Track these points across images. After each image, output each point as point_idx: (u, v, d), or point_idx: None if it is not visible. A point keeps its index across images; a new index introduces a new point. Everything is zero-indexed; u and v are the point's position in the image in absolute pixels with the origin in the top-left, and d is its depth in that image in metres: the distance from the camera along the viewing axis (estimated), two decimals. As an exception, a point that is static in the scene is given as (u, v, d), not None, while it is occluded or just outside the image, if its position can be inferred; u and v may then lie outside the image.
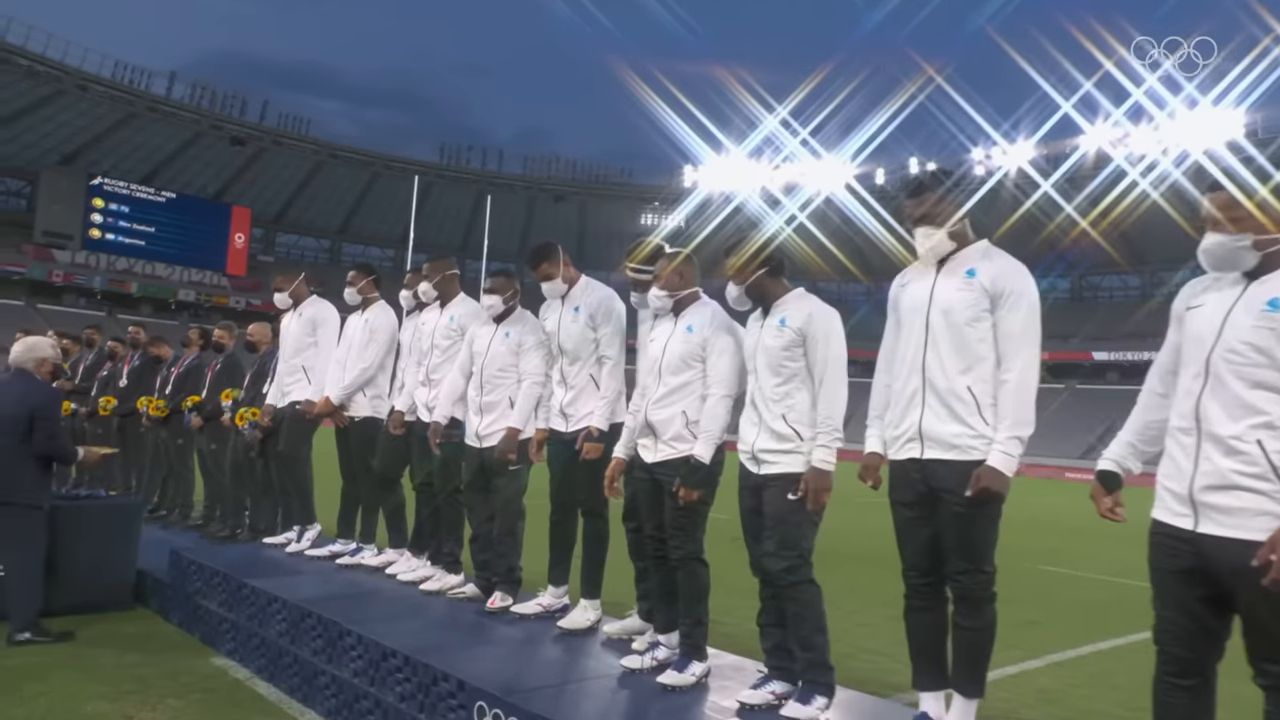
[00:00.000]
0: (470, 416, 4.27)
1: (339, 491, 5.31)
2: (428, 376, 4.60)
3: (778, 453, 2.94)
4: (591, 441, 3.77)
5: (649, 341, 3.52)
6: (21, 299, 47.91)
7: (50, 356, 4.81)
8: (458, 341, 4.55)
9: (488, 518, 4.26)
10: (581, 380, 3.92)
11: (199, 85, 53.48)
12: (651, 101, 34.85)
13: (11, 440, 4.44)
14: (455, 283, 4.76)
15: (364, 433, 5.08)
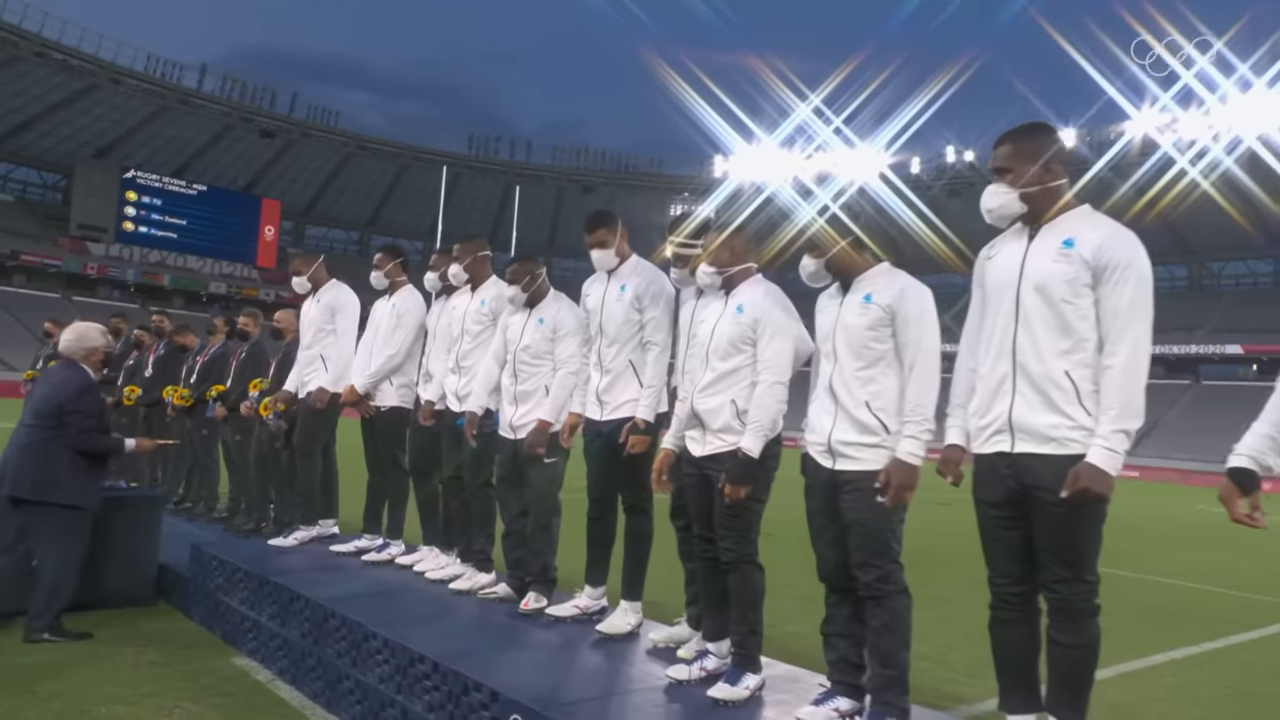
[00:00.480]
0: (504, 406, 4.04)
1: (365, 485, 5.12)
2: (458, 364, 4.38)
3: (859, 446, 2.65)
4: (638, 434, 3.53)
5: (697, 323, 3.26)
6: (58, 291, 48.81)
7: (100, 345, 4.61)
8: (489, 327, 4.33)
9: (521, 513, 4.04)
10: (619, 365, 3.68)
11: (229, 78, 54.03)
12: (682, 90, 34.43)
13: (46, 434, 4.30)
14: (487, 265, 4.54)
15: (391, 423, 4.89)
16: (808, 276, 2.84)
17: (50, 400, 4.36)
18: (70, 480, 4.27)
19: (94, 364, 4.56)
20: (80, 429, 4.31)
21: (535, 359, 3.95)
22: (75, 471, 4.29)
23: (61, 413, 4.30)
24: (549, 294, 4.08)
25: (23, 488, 4.24)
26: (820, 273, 2.81)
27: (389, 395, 4.86)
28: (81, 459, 4.32)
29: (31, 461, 4.25)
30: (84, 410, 4.35)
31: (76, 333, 4.60)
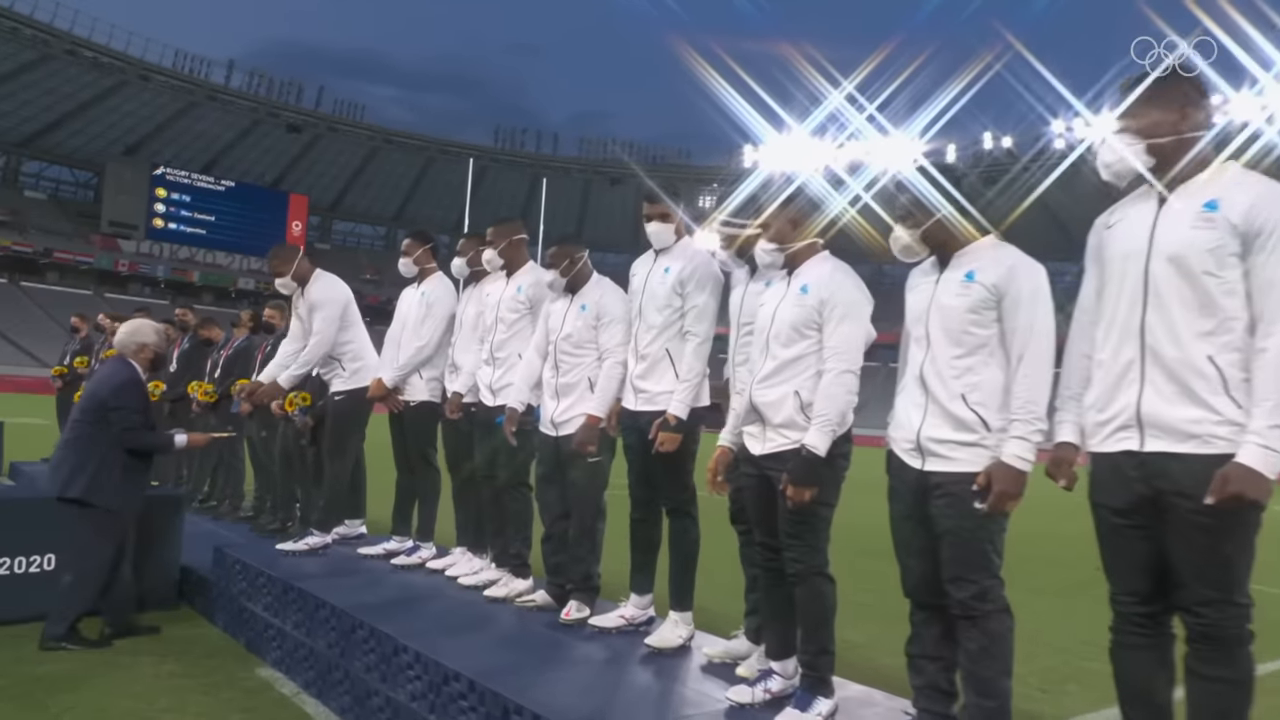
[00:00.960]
0: (545, 401, 3.78)
1: (393, 483, 4.90)
2: (492, 355, 4.13)
3: (955, 445, 2.34)
4: (668, 431, 3.27)
5: (755, 308, 2.98)
6: (90, 288, 49.62)
7: (151, 342, 4.41)
8: (525, 315, 4.07)
9: (562, 515, 3.78)
10: (656, 352, 3.42)
11: (256, 73, 54.55)
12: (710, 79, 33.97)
13: (88, 430, 4.15)
14: (523, 249, 4.28)
15: (421, 419, 4.65)
16: (900, 250, 2.53)
17: (94, 395, 4.22)
18: (106, 480, 4.10)
19: (144, 361, 4.39)
20: (124, 425, 4.14)
21: (577, 348, 3.68)
22: (113, 471, 4.12)
23: (105, 408, 4.15)
24: (591, 278, 3.81)
25: (58, 485, 4.12)
26: (914, 246, 2.50)
27: (418, 389, 4.62)
28: (124, 457, 4.15)
29: (70, 458, 4.12)
30: (127, 405, 4.17)
31: (130, 328, 4.46)
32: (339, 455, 4.90)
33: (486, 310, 4.23)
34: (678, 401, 3.31)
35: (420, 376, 4.62)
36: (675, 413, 3.30)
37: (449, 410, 4.29)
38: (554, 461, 3.74)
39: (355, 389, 4.84)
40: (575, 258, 3.78)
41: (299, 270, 4.99)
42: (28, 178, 54.00)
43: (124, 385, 4.22)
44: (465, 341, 4.42)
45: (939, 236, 2.46)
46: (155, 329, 4.52)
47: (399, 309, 4.83)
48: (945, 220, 2.44)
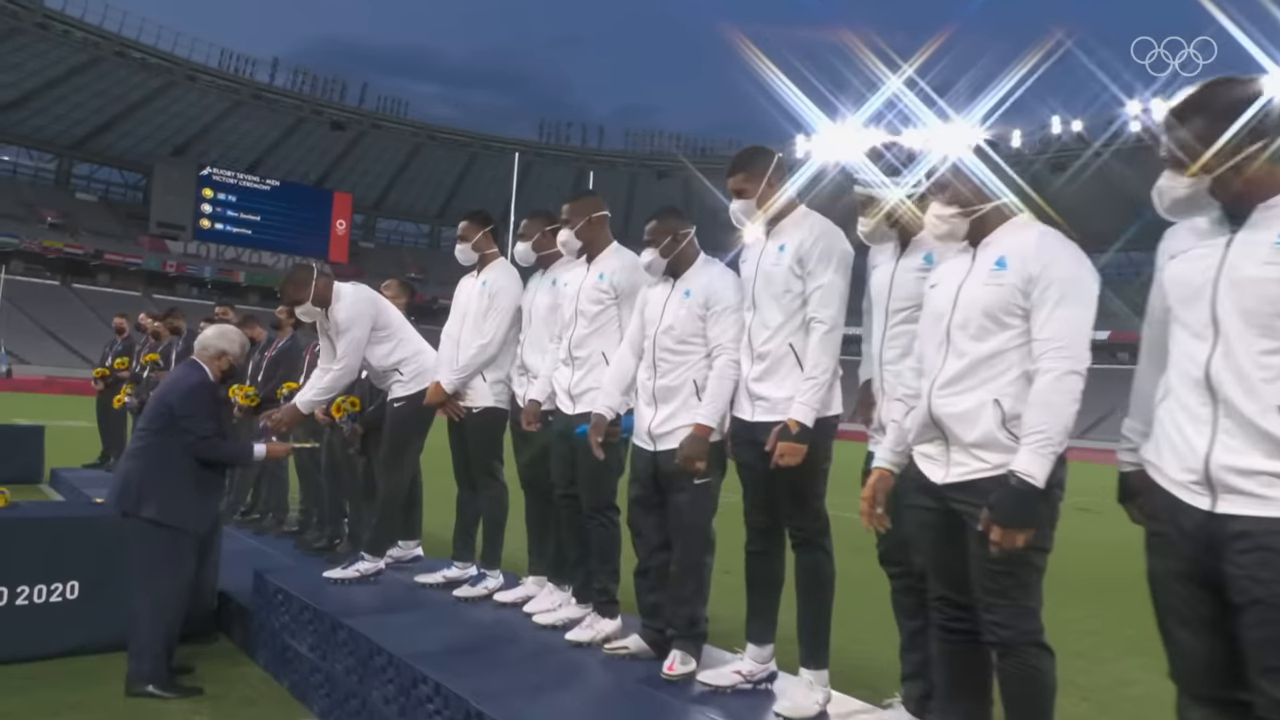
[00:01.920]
0: (640, 408, 3.21)
1: (453, 500, 4.37)
2: (570, 354, 3.56)
3: (1267, 477, 1.66)
4: (789, 441, 2.68)
5: (925, 288, 2.37)
6: (139, 289, 50.68)
7: (231, 353, 4.01)
8: (610, 307, 3.51)
9: (660, 546, 3.20)
10: (776, 349, 2.85)
11: (300, 71, 55.32)
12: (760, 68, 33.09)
13: (154, 439, 3.76)
14: (605, 228, 3.71)
15: (485, 427, 4.11)
16: (1167, 207, 1.88)
17: (162, 401, 3.82)
18: (177, 495, 3.69)
19: (218, 369, 3.98)
20: (197, 434, 3.75)
21: (681, 344, 3.10)
22: (180, 484, 3.72)
23: (173, 415, 3.75)
24: (698, 259, 3.22)
25: (123, 500, 3.71)
26: (1197, 198, 1.83)
27: (482, 394, 4.08)
28: (193, 469, 3.76)
29: (136, 470, 3.73)
30: (196, 412, 3.78)
31: (217, 331, 4.05)
32: (395, 469, 4.39)
33: (563, 302, 3.66)
34: (801, 405, 2.72)
35: (483, 379, 4.08)
36: (798, 418, 2.71)
37: (525, 421, 3.73)
38: (651, 481, 3.17)
39: (417, 394, 4.32)
40: (679, 234, 3.19)
41: (318, 292, 4.38)
42: (79, 180, 55.41)
43: (194, 390, 3.83)
44: (536, 339, 3.87)
45: (1238, 188, 1.78)
46: (240, 340, 4.09)
47: (456, 301, 4.30)
48: (1239, 168, 1.78)
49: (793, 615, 2.91)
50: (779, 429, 2.73)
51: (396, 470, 4.38)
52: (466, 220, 4.30)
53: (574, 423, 3.47)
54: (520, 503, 4.05)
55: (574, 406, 3.52)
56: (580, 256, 3.71)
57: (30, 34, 45.28)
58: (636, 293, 3.40)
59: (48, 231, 50.11)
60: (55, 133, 52.04)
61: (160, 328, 8.37)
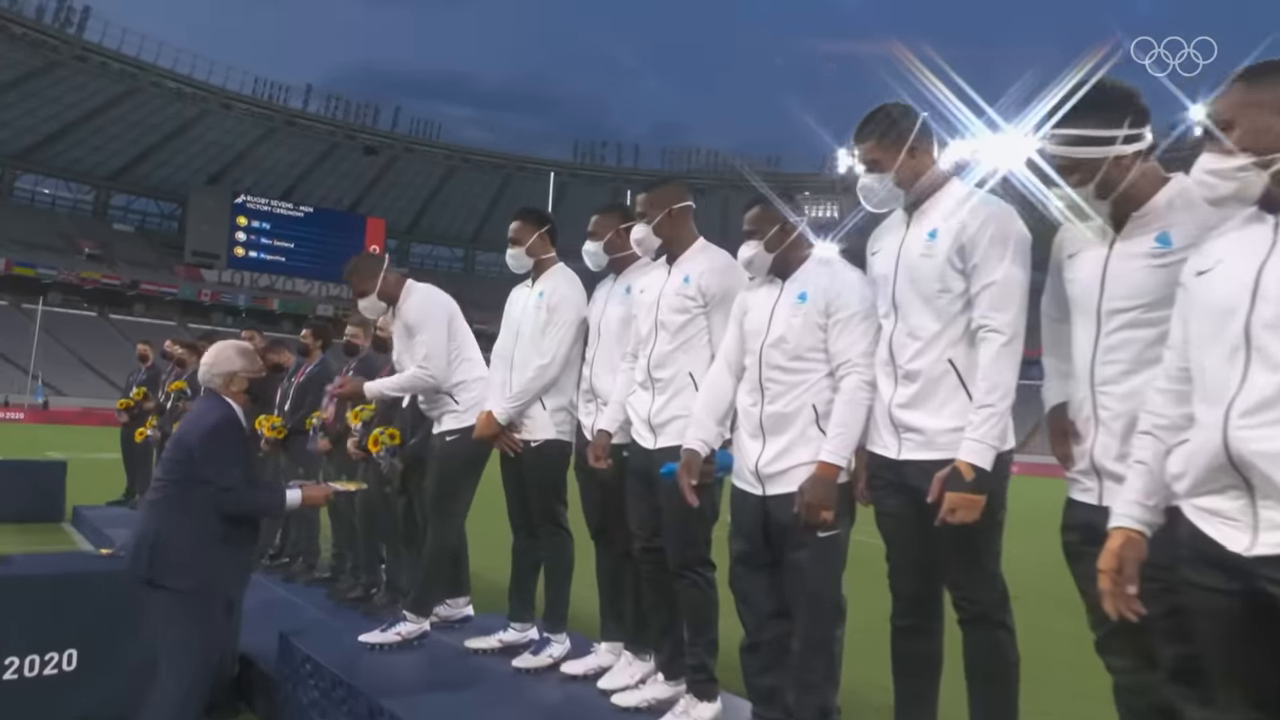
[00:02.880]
0: (742, 441, 2.63)
1: (508, 549, 3.82)
2: (649, 375, 3.00)
3: None
4: (962, 490, 2.10)
5: (1192, 277, 1.77)
6: (174, 319, 51.41)
7: (239, 369, 3.42)
8: (698, 316, 2.95)
9: (774, 614, 2.61)
10: (932, 366, 2.29)
11: (333, 96, 56.13)
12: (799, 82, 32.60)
13: (171, 490, 3.21)
14: (689, 222, 3.16)
15: (546, 464, 3.56)
16: None
17: (180, 444, 3.27)
18: (198, 556, 3.12)
19: (238, 395, 3.41)
20: (218, 483, 3.18)
21: (796, 360, 2.53)
22: (208, 542, 3.17)
23: (191, 461, 3.21)
24: (811, 255, 2.66)
25: (137, 561, 3.15)
26: None
27: (541, 424, 3.53)
28: (218, 525, 3.20)
29: (152, 527, 3.18)
30: (218, 456, 3.22)
31: (210, 358, 3.47)
32: (446, 515, 3.83)
33: (640, 312, 3.11)
34: (976, 442, 2.14)
35: (543, 406, 3.53)
36: (973, 460, 2.13)
37: (593, 457, 3.17)
38: (760, 534, 2.59)
39: (473, 426, 3.80)
40: (787, 224, 2.64)
41: (386, 286, 3.94)
42: (116, 210, 56.66)
43: (214, 431, 3.26)
44: (607, 358, 3.32)
45: None
46: (240, 349, 3.52)
47: (508, 316, 3.77)
48: None
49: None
50: (946, 474, 2.14)
51: (447, 518, 3.83)
52: (519, 220, 3.78)
53: (656, 460, 2.91)
54: (588, 552, 3.49)
55: (655, 439, 2.96)
56: (659, 258, 3.17)
57: (69, 67, 46.50)
58: (731, 298, 2.85)
59: (85, 262, 51.13)
60: (93, 164, 53.26)
61: (185, 354, 8.00)
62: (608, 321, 3.36)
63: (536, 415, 3.55)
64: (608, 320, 3.36)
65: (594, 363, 3.38)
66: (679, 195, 3.12)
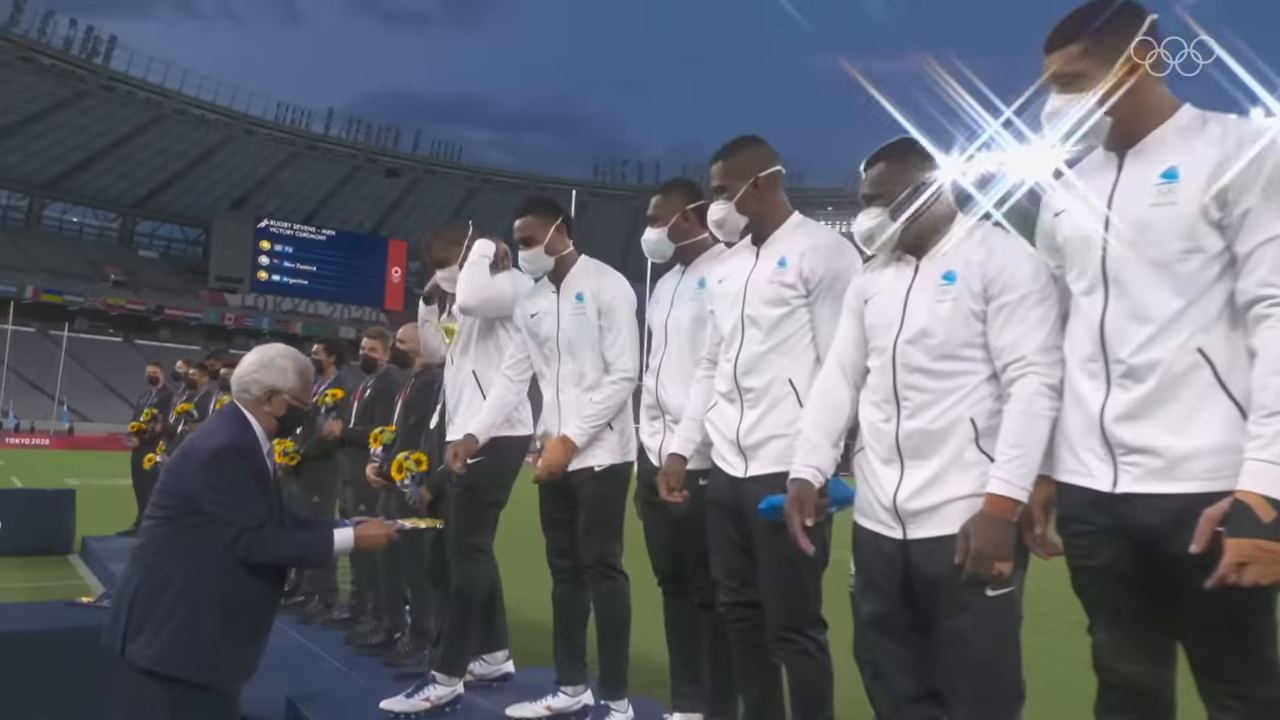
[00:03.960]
0: (873, 469, 2.02)
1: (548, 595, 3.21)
2: (737, 384, 2.39)
3: None
4: (1256, 537, 1.47)
5: None
6: (198, 343, 51.48)
7: (288, 389, 2.64)
8: (799, 309, 2.34)
9: (919, 696, 1.98)
10: (1175, 358, 1.63)
11: (355, 120, 56.40)
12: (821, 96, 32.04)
13: (172, 531, 2.45)
14: (779, 192, 2.55)
15: (604, 495, 2.96)
16: None
17: (179, 468, 2.53)
18: (185, 626, 2.36)
19: (267, 416, 2.63)
20: (234, 523, 2.41)
21: (945, 360, 1.92)
22: (210, 611, 2.38)
23: (193, 492, 2.45)
24: (955, 221, 2.05)
25: (113, 632, 2.42)
26: None
27: (606, 445, 2.94)
28: (228, 581, 2.43)
29: (130, 582, 2.45)
30: (229, 485, 2.45)
31: (257, 358, 2.70)
32: (472, 551, 3.24)
33: (721, 307, 2.51)
34: (1259, 466, 1.50)
35: (609, 426, 2.95)
36: (1271, 491, 1.49)
37: (665, 488, 2.54)
38: (899, 591, 1.96)
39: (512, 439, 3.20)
40: (922, 183, 2.04)
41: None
42: (141, 237, 57.13)
43: (223, 453, 2.47)
44: (676, 365, 2.73)
45: None
46: (300, 367, 2.71)
47: (534, 333, 3.12)
48: None
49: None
50: (1222, 512, 1.52)
51: (473, 553, 3.24)
52: (528, 214, 3.07)
53: (748, 491, 2.30)
54: (649, 599, 2.89)
55: (746, 465, 2.35)
56: (741, 239, 2.57)
57: (96, 96, 46.94)
58: (841, 285, 2.25)
59: (111, 289, 51.46)
60: (119, 191, 53.72)
61: (197, 374, 7.50)
62: (676, 322, 2.77)
63: (608, 438, 2.97)
64: (676, 321, 2.77)
65: (660, 372, 2.79)
66: (765, 158, 2.48)
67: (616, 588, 3.00)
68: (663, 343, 2.80)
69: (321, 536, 2.62)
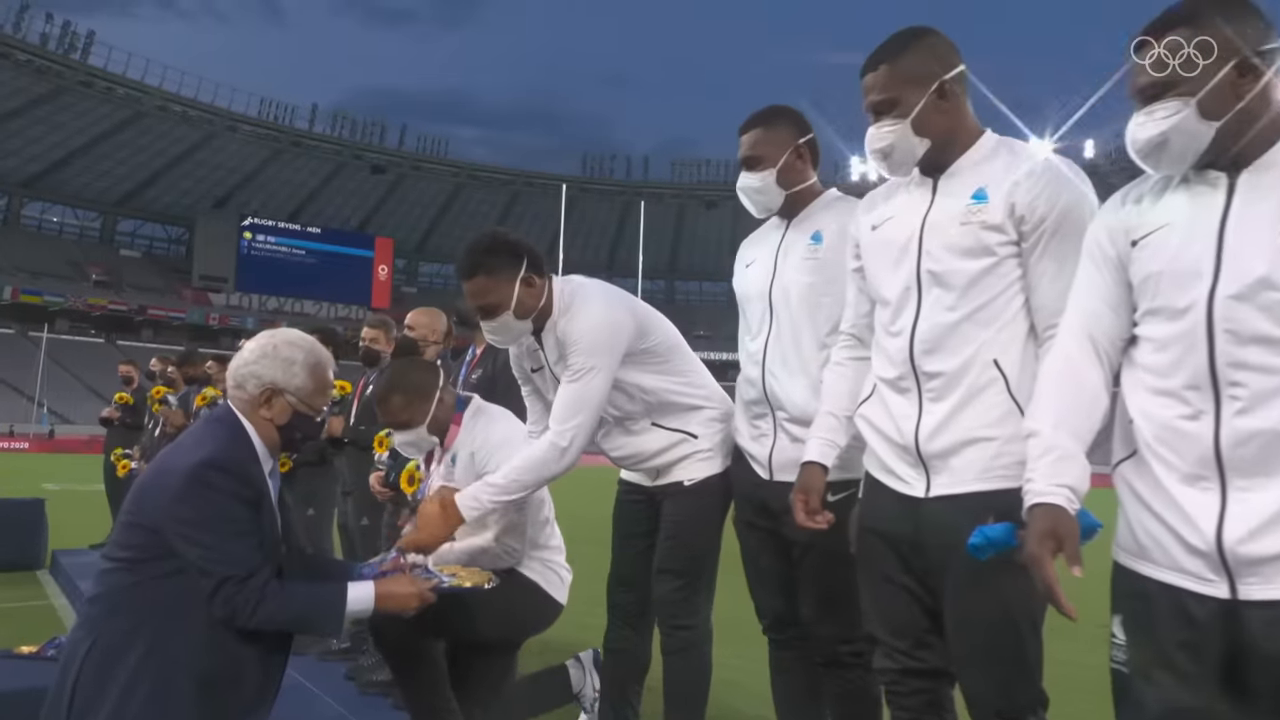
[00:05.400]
0: (1172, 493, 1.34)
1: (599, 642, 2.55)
2: (912, 368, 1.71)
3: None
4: None
5: None
6: (182, 343, 50.42)
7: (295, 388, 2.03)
8: (1006, 260, 1.66)
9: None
10: None
11: (340, 116, 55.31)
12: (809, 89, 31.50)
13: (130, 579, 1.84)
14: (966, 104, 1.79)
15: (698, 513, 2.32)
16: None
17: (148, 492, 1.89)
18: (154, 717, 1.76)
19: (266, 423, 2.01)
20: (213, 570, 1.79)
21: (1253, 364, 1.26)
22: (173, 687, 1.78)
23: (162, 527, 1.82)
24: None
25: (57, 708, 1.81)
26: None
27: (702, 449, 2.30)
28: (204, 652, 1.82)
29: (78, 649, 1.82)
30: (206, 518, 1.82)
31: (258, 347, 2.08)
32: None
33: (879, 262, 1.83)
34: None
35: (693, 436, 2.30)
36: None
37: (803, 509, 1.83)
38: (1218, 673, 1.30)
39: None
40: (1253, 67, 1.36)
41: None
42: (123, 236, 55.91)
43: (204, 472, 1.83)
44: (791, 343, 2.09)
45: None
46: (313, 360, 2.09)
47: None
48: None
49: None
50: None
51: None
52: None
53: (933, 518, 1.64)
54: (747, 648, 2.24)
55: (927, 481, 1.68)
56: (918, 178, 1.87)
57: (74, 93, 45.76)
58: (1071, 225, 1.61)
59: (92, 289, 50.30)
60: (100, 190, 52.54)
61: (176, 375, 6.77)
62: (785, 291, 2.13)
63: (696, 431, 2.31)
64: (785, 289, 2.13)
65: (765, 357, 2.12)
66: (946, 54, 1.76)
67: (695, 639, 2.32)
68: (765, 318, 2.15)
69: (332, 594, 1.95)
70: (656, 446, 2.31)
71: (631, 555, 2.44)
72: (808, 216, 2.16)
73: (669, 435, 2.31)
